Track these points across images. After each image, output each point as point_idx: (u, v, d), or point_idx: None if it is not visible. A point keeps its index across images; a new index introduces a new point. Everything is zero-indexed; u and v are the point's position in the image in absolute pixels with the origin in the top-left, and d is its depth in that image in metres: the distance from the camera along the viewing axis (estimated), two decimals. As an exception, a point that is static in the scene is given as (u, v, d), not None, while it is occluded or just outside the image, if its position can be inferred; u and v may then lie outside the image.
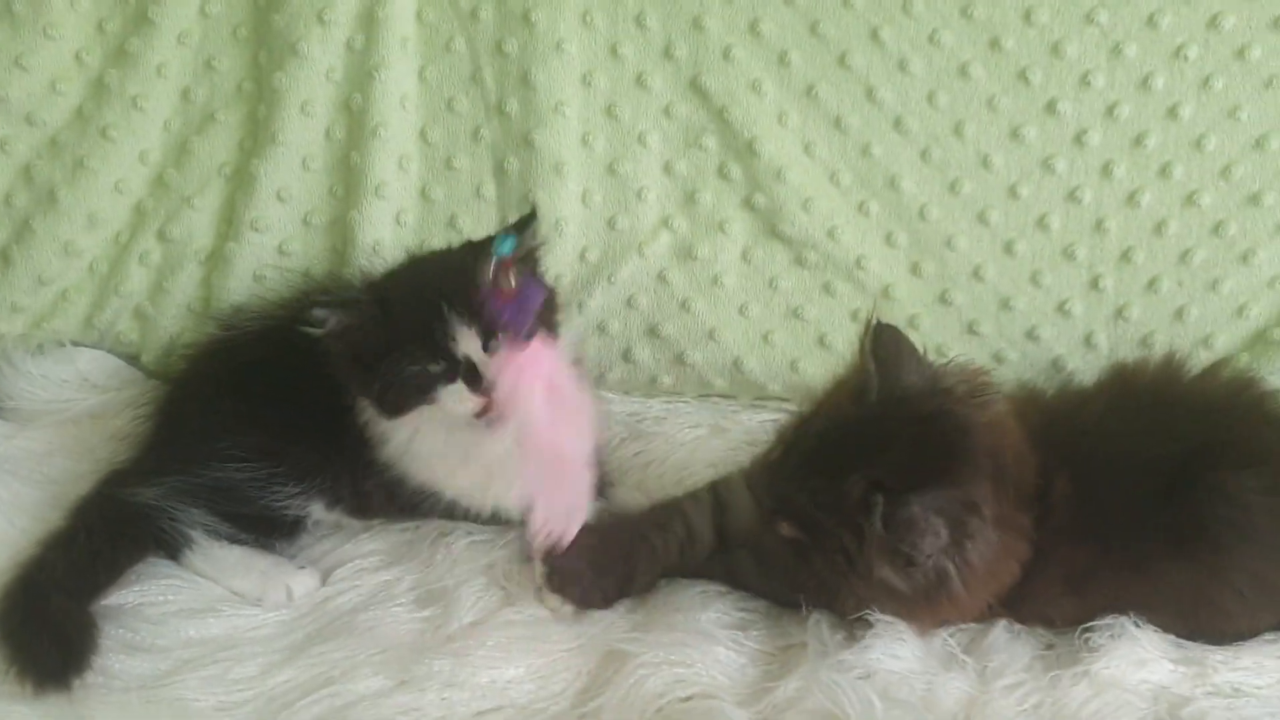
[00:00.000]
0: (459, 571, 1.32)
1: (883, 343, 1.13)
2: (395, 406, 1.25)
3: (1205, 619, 1.18)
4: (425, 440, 1.29)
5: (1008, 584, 1.15)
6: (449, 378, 1.22)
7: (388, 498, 1.36)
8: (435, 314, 1.20)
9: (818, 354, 1.58)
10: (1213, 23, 1.46)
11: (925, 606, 1.13)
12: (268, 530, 1.33)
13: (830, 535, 1.11)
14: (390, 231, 1.57)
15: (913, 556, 1.07)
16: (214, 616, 1.26)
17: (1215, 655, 1.17)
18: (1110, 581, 1.17)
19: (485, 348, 1.21)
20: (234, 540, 1.31)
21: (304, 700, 1.13)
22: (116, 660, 1.18)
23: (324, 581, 1.32)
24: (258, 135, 1.56)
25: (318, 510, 1.35)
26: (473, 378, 1.21)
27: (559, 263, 1.57)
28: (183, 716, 1.12)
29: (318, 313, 1.20)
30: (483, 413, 1.22)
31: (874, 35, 1.51)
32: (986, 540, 1.08)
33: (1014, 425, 1.16)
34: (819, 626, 1.21)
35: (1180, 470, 1.15)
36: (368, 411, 1.30)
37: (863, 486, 1.07)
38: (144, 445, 1.40)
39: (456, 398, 1.22)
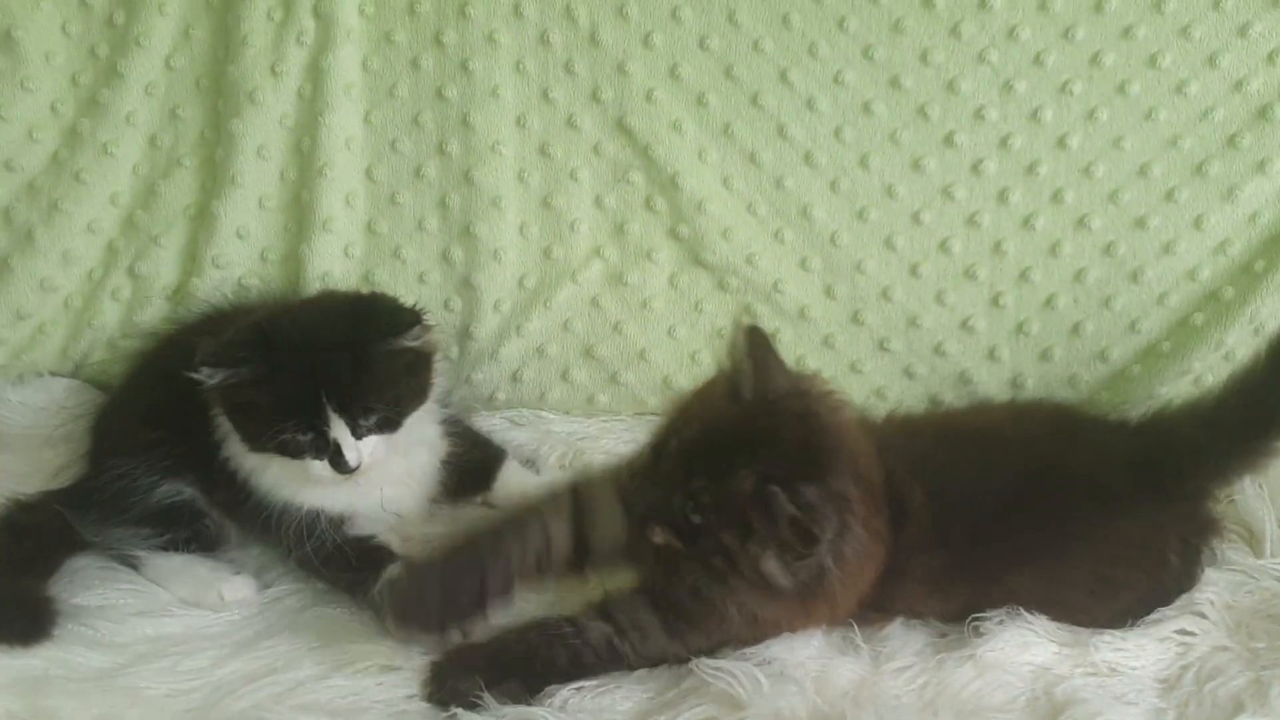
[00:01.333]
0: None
1: (755, 344, 1.16)
2: (258, 448, 1.33)
3: (1064, 615, 1.25)
4: (276, 469, 1.37)
5: (869, 585, 1.19)
6: (315, 452, 1.30)
7: (239, 497, 1.41)
8: (313, 399, 1.27)
9: (741, 372, 1.68)
10: (1094, 60, 1.58)
11: (801, 605, 1.17)
12: (171, 523, 1.42)
13: (708, 536, 1.12)
14: (339, 263, 1.68)
15: (810, 539, 1.07)
16: (169, 617, 1.36)
17: (1104, 636, 1.24)
18: (967, 585, 1.24)
19: (354, 433, 1.30)
20: (170, 547, 1.42)
21: (248, 687, 1.22)
22: (78, 654, 1.27)
23: (262, 588, 1.41)
24: (218, 178, 1.68)
25: (200, 501, 1.43)
26: (338, 460, 1.30)
27: (499, 290, 1.69)
28: (136, 703, 1.21)
29: (204, 370, 1.28)
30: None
31: (783, 77, 1.63)
32: (857, 536, 1.13)
33: (865, 433, 1.21)
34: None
35: (1014, 492, 1.22)
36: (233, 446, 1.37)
37: (753, 480, 1.09)
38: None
39: (318, 473, 1.31)
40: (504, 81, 1.65)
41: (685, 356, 1.70)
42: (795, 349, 1.68)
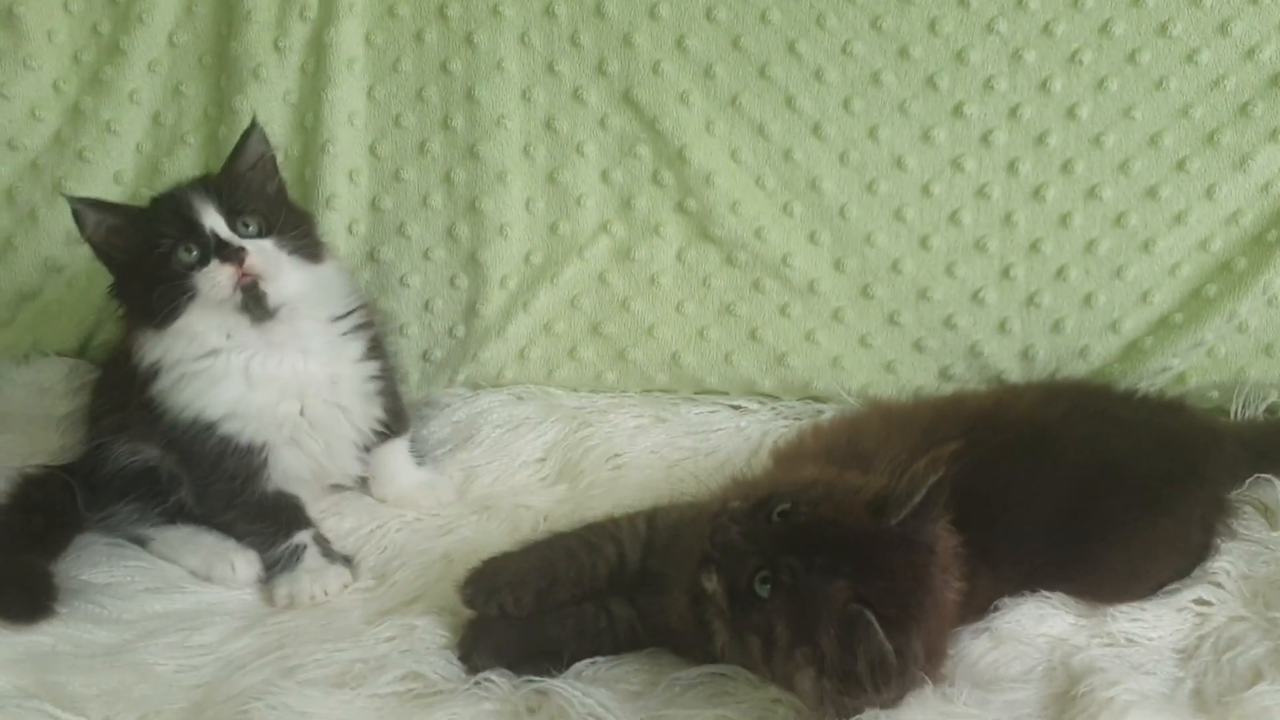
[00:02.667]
0: (405, 555, 1.42)
1: (934, 487, 1.04)
2: (162, 310, 1.31)
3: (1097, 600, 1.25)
4: (196, 363, 1.35)
5: None
6: (202, 263, 1.30)
7: (165, 444, 1.39)
8: (181, 199, 1.31)
9: (750, 347, 1.68)
10: (1104, 29, 1.57)
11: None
12: (151, 490, 1.41)
13: (762, 615, 1.05)
14: (343, 241, 1.67)
15: (880, 681, 0.99)
16: (178, 593, 1.35)
17: (1120, 607, 1.23)
18: (1001, 595, 1.23)
19: (233, 228, 1.31)
20: (166, 518, 1.42)
21: (258, 661, 1.22)
22: (85, 631, 1.27)
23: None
24: (221, 155, 1.66)
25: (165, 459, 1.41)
26: (222, 250, 1.29)
27: (506, 266, 1.68)
28: (145, 678, 1.20)
29: (76, 208, 1.30)
30: (240, 285, 1.30)
31: (791, 48, 1.62)
32: (901, 683, 1.04)
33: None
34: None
35: (1061, 504, 1.21)
36: (143, 347, 1.36)
37: (848, 595, 1.01)
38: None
39: (212, 280, 1.29)
40: (509, 54, 1.64)
41: (694, 332, 1.69)
42: (804, 323, 1.67)
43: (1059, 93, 1.59)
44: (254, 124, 1.39)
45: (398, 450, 1.53)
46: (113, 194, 1.70)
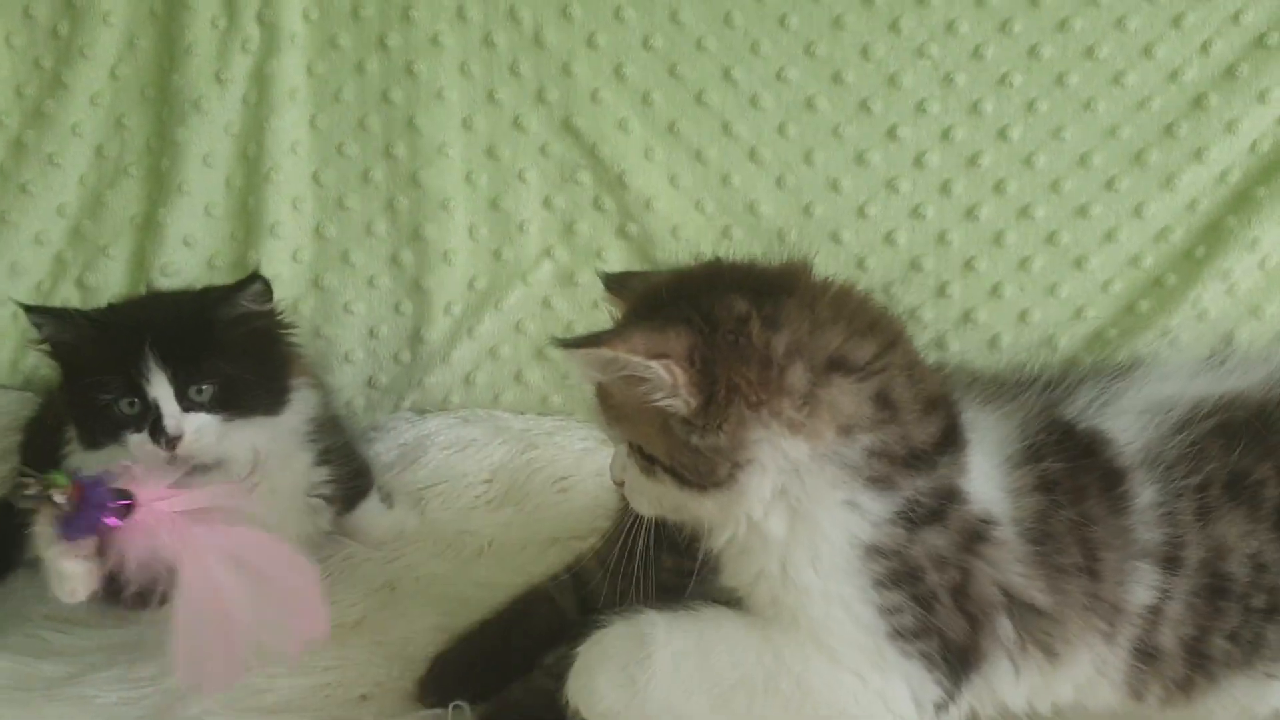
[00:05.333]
0: (349, 579, 1.43)
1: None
2: (91, 438, 1.26)
3: None
4: None
5: None
6: (138, 424, 1.23)
7: None
8: (137, 350, 1.21)
9: (694, 369, 1.70)
10: (1033, 52, 1.60)
11: None
12: None
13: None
14: (288, 268, 1.68)
15: None
16: (120, 627, 1.34)
17: None
18: None
19: (180, 399, 1.23)
20: None
21: (197, 694, 1.21)
22: (26, 664, 1.27)
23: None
24: (164, 186, 1.68)
25: None
26: (158, 428, 1.22)
27: (450, 292, 1.69)
28: (86, 711, 1.20)
29: (32, 318, 1.25)
30: (173, 456, 1.23)
31: (726, 75, 1.64)
32: None
33: None
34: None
35: None
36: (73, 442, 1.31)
37: None
38: None
39: (142, 449, 1.22)
40: (449, 84, 1.66)
41: (637, 354, 1.70)
42: (746, 344, 1.69)
43: (990, 114, 1.62)
44: (254, 277, 1.29)
45: (368, 509, 1.50)
46: (56, 227, 1.71)
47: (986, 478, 0.94)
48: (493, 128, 1.67)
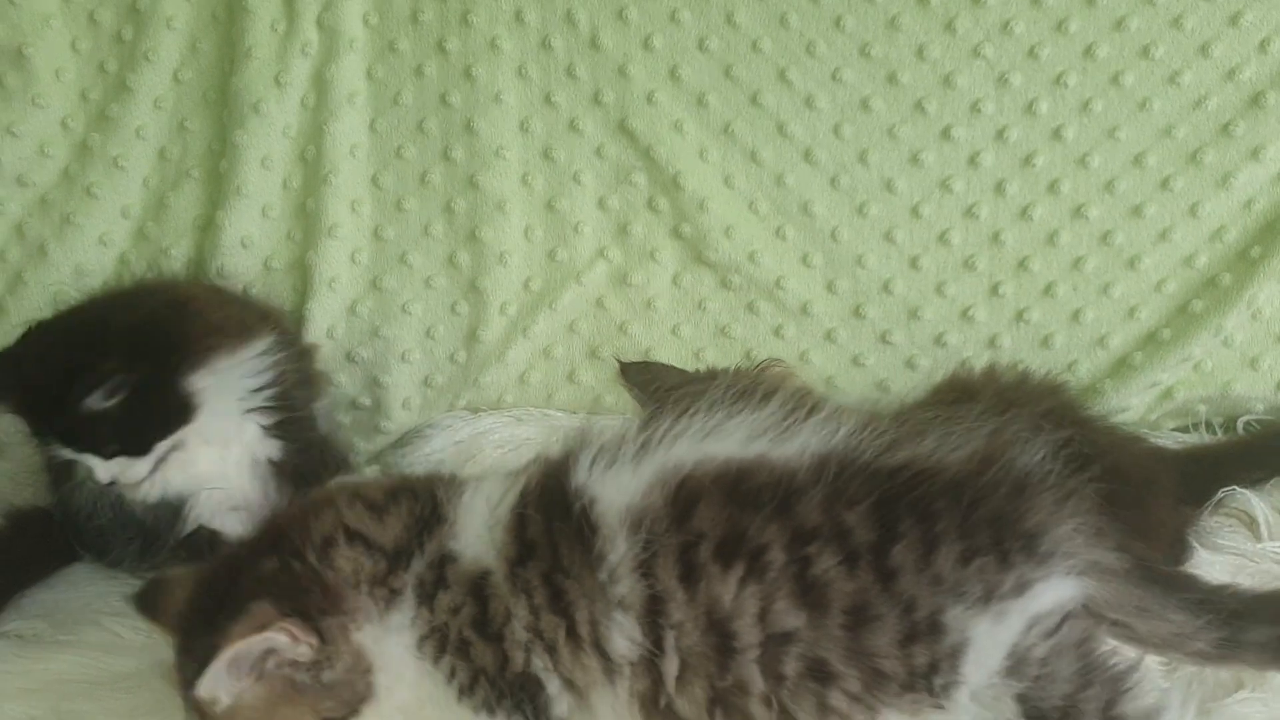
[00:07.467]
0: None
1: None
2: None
3: None
4: None
5: None
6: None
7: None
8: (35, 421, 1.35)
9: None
10: (1088, 51, 1.60)
11: None
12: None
13: None
14: (346, 269, 1.70)
15: None
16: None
17: None
18: None
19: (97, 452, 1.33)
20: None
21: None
22: (99, 659, 1.28)
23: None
24: (223, 188, 1.70)
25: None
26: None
27: (505, 293, 1.71)
28: (161, 703, 1.21)
29: None
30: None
31: (782, 76, 1.65)
32: None
33: None
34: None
35: None
36: None
37: None
38: None
39: (103, 468, 1.34)
40: (506, 87, 1.67)
41: (689, 355, 1.72)
42: (798, 344, 1.71)
43: (1045, 114, 1.62)
44: (112, 370, 1.31)
45: None
46: (120, 229, 1.73)
47: (478, 537, 0.98)
48: (549, 130, 1.69)
